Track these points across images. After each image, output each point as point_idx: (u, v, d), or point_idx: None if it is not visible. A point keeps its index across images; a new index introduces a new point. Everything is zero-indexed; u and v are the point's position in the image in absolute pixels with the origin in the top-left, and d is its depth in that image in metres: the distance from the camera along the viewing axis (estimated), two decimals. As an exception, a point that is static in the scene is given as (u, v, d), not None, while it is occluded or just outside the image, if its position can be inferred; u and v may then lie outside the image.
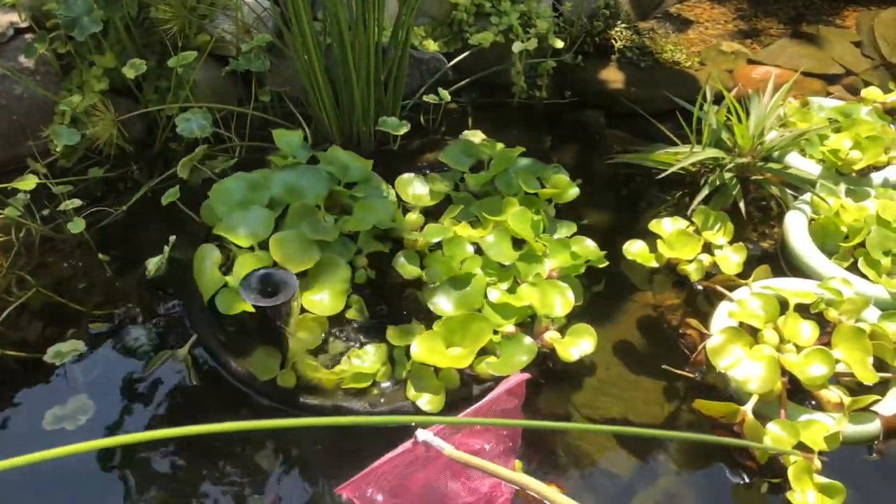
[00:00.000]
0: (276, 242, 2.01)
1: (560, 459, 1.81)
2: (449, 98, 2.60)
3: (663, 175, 2.37)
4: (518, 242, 2.16)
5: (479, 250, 2.13)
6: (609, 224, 2.43)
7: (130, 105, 2.55)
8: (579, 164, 2.67)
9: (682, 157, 2.40)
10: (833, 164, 2.44)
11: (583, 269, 2.13)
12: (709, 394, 1.91)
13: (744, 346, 1.87)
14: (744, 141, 2.37)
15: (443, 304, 2.01)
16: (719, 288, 2.10)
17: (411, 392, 1.84)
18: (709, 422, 1.81)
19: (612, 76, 3.00)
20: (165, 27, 2.44)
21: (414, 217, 2.27)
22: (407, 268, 2.11)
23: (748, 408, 1.77)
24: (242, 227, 2.04)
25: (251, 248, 2.03)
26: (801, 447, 1.71)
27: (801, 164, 2.47)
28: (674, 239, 2.19)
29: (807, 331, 1.92)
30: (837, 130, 2.54)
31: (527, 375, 1.66)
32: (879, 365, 1.86)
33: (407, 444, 1.52)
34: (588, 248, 2.17)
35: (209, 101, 2.50)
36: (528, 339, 1.91)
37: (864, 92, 2.81)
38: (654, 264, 2.19)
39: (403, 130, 2.43)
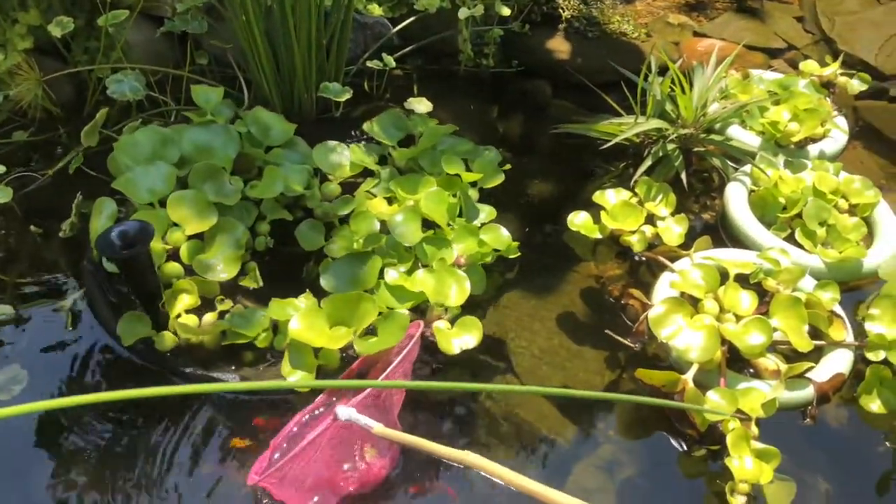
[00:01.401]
0: (173, 201, 1.96)
1: (501, 428, 1.81)
2: (394, 64, 2.54)
3: (607, 146, 2.37)
4: (431, 224, 2.10)
5: (386, 228, 2.06)
6: (553, 194, 2.43)
7: (58, 66, 2.43)
8: (524, 133, 2.66)
9: (626, 127, 2.40)
10: (772, 136, 2.48)
11: (490, 259, 2.09)
12: (651, 363, 1.93)
13: (685, 316, 1.89)
14: (687, 112, 2.38)
15: (334, 280, 1.96)
16: (661, 259, 2.12)
17: (286, 367, 1.78)
18: (650, 391, 1.83)
19: (560, 46, 2.98)
20: (94, -17, 2.32)
21: (331, 187, 2.21)
22: (308, 238, 2.07)
23: (689, 376, 1.80)
24: (143, 182, 1.99)
25: (151, 205, 1.98)
26: (739, 414, 1.75)
27: (742, 136, 2.50)
28: (617, 210, 2.20)
29: (746, 300, 1.95)
30: (777, 103, 2.58)
31: (418, 324, 1.68)
32: (814, 333, 1.91)
33: (326, 423, 1.50)
34: (500, 236, 2.11)
35: (143, 62, 2.39)
36: (402, 313, 1.84)
37: (803, 65, 2.85)
38: (598, 235, 2.20)
39: (346, 97, 2.37)
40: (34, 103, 2.36)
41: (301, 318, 1.80)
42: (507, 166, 2.33)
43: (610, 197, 2.25)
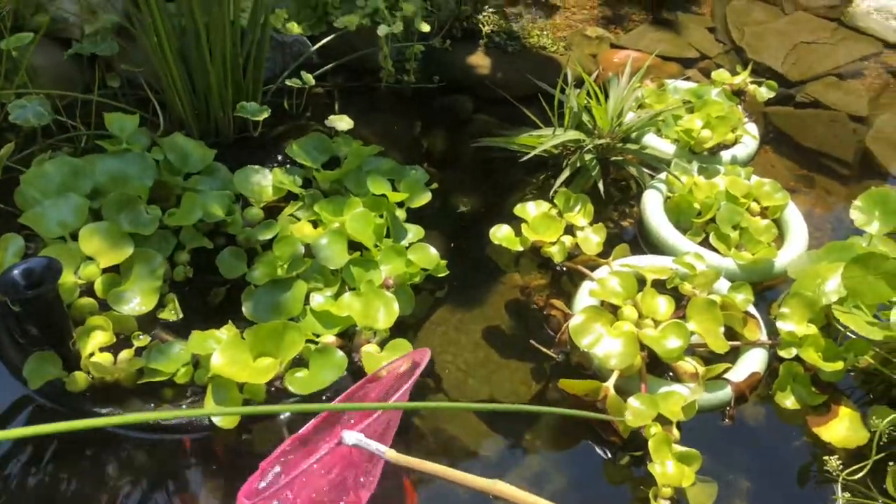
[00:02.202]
0: (85, 234, 1.90)
1: (428, 443, 1.80)
2: (313, 82, 2.53)
3: (527, 158, 2.41)
4: (358, 246, 2.08)
5: (311, 253, 2.03)
6: (476, 209, 2.44)
7: (-42, 91, 2.33)
8: (447, 149, 2.68)
9: (544, 140, 2.44)
10: (686, 144, 2.56)
11: (419, 279, 2.08)
12: (575, 372, 1.96)
13: (604, 324, 1.92)
14: (603, 123, 2.44)
15: (257, 309, 1.91)
16: (581, 268, 2.16)
17: (209, 404, 1.71)
18: (574, 400, 1.84)
19: (480, 61, 3.02)
20: (-4, 6, 2.24)
21: (254, 212, 2.17)
22: (230, 266, 2.03)
23: (609, 384, 1.82)
24: (53, 215, 1.93)
25: (62, 239, 1.92)
26: (660, 419, 1.78)
27: (657, 144, 2.57)
28: (538, 222, 2.23)
29: (663, 305, 1.99)
30: (690, 111, 2.66)
31: (424, 351, 1.66)
32: (730, 334, 1.96)
33: (330, 446, 1.45)
34: (428, 255, 2.11)
35: (50, 86, 2.32)
36: (339, 354, 1.81)
37: (715, 74, 2.95)
38: (520, 248, 2.22)
39: (263, 116, 2.34)
40: (-68, 131, 2.26)
41: (223, 352, 1.74)
42: (434, 185, 2.34)
43: (530, 209, 2.28)
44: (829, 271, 1.97)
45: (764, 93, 2.91)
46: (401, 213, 2.23)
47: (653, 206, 2.33)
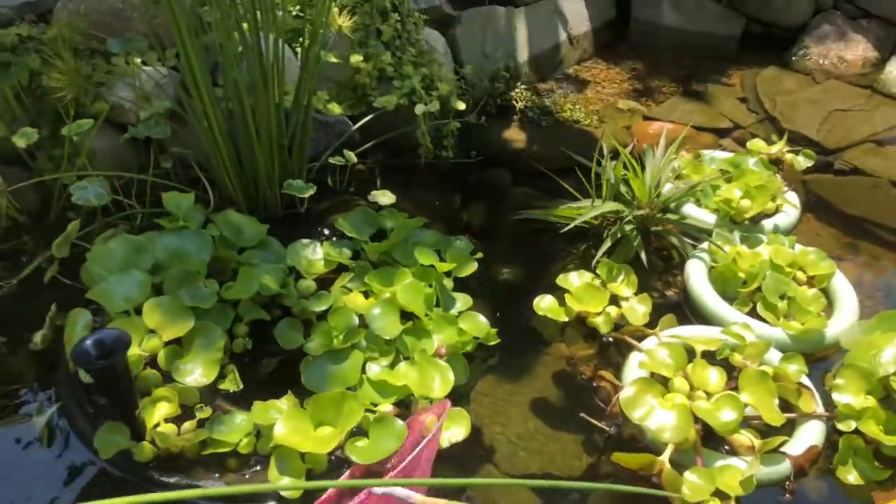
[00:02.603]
0: (149, 308, 1.95)
1: (479, 520, 1.77)
2: (355, 159, 2.61)
3: (567, 229, 2.43)
4: (409, 316, 2.11)
5: (365, 323, 2.05)
6: (519, 279, 2.46)
7: (23, 175, 2.44)
8: (487, 221, 2.71)
9: (583, 211, 2.46)
10: (726, 213, 2.56)
11: (471, 347, 2.10)
12: (627, 444, 1.92)
13: (656, 396, 1.89)
14: (641, 193, 2.46)
15: (316, 379, 1.93)
16: (628, 339, 2.14)
17: (273, 474, 1.73)
18: (628, 474, 1.81)
19: (515, 135, 3.09)
20: (59, 95, 2.36)
21: (306, 284, 2.21)
22: (287, 337, 2.06)
23: (665, 457, 1.79)
24: (118, 290, 1.98)
25: (126, 313, 1.97)
26: (718, 493, 1.73)
27: (697, 214, 2.58)
28: (581, 292, 2.23)
29: (714, 377, 1.96)
30: (728, 181, 2.67)
31: (444, 404, 1.65)
32: (784, 406, 1.92)
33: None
34: (479, 323, 2.12)
35: (109, 168, 2.41)
36: (398, 423, 1.80)
37: (750, 144, 2.98)
38: (565, 318, 2.22)
39: (309, 193, 2.41)
40: (-2, 213, 2.36)
41: (285, 422, 1.76)
42: (479, 255, 2.37)
43: (573, 280, 2.28)
44: (883, 341, 1.94)
45: (802, 161, 2.92)
46: (448, 283, 2.27)
47: (697, 275, 2.32)
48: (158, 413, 1.82)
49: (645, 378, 1.94)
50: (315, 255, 2.28)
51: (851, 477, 1.82)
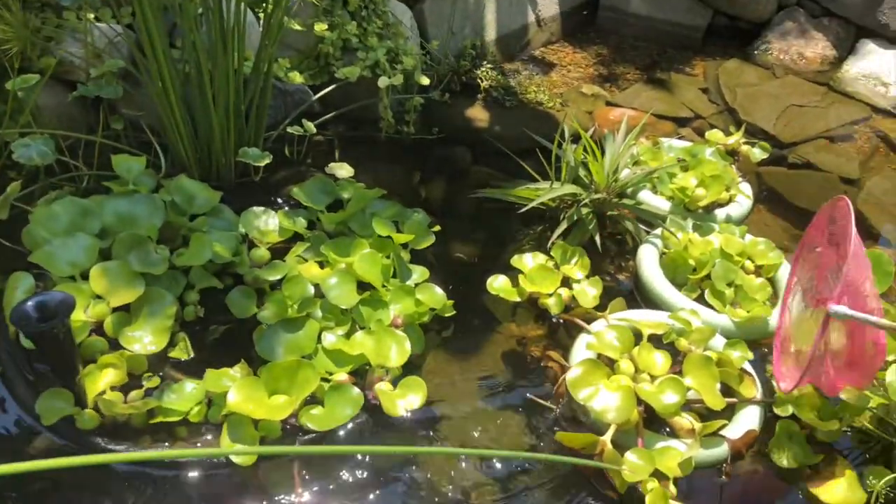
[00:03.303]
0: (96, 273, 1.91)
1: (422, 492, 1.77)
2: (314, 130, 2.56)
3: (524, 210, 2.43)
4: (365, 286, 2.10)
5: (321, 292, 2.04)
6: (474, 257, 2.45)
7: (-38, 129, 2.34)
8: (446, 198, 2.70)
9: (542, 192, 2.47)
10: (681, 201, 2.59)
11: (427, 318, 2.10)
12: (572, 425, 1.94)
13: (601, 378, 1.91)
14: (599, 178, 2.47)
15: (271, 348, 1.92)
16: (578, 321, 2.16)
17: (226, 441, 1.71)
18: (571, 454, 1.83)
19: (479, 114, 3.07)
20: (4, 48, 2.27)
21: (260, 253, 2.18)
22: (240, 306, 2.03)
23: (607, 438, 1.81)
24: (63, 254, 1.93)
25: (71, 278, 1.92)
26: (657, 474, 1.76)
27: (652, 201, 2.60)
28: (535, 273, 2.24)
29: (660, 360, 1.99)
30: (685, 169, 2.70)
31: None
32: (726, 390, 1.96)
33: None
34: (435, 295, 2.13)
35: (54, 127, 2.34)
36: (355, 391, 1.83)
37: (709, 134, 3.01)
38: (517, 298, 2.22)
39: (265, 162, 2.36)
40: (-67, 168, 2.26)
41: (238, 390, 1.74)
42: (437, 228, 2.37)
43: (527, 261, 2.29)
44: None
45: (757, 154, 2.97)
46: (405, 255, 2.26)
47: (649, 261, 2.35)
48: (104, 380, 1.78)
49: (591, 359, 1.95)
50: (269, 223, 2.24)
51: (785, 461, 1.86)
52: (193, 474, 1.72)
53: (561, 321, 2.23)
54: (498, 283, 2.23)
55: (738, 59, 3.80)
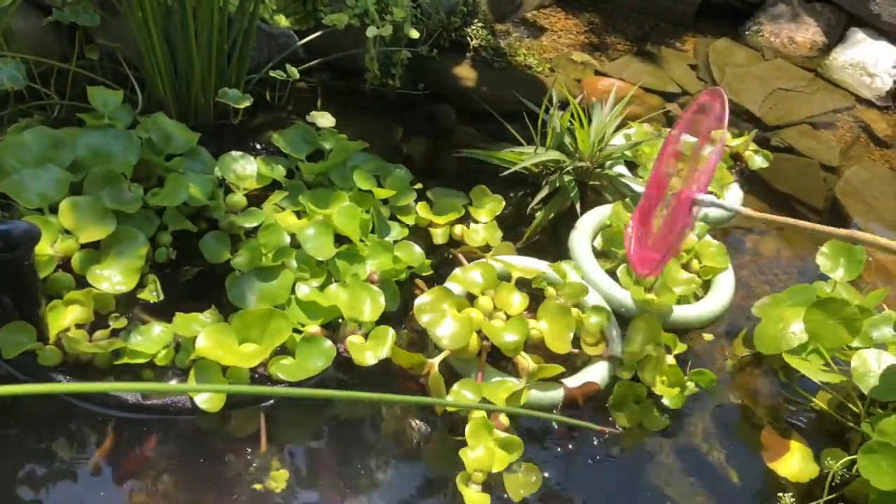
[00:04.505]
0: (66, 207, 1.85)
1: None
2: (298, 76, 2.50)
3: (507, 173, 2.40)
4: (342, 239, 2.08)
5: (297, 243, 2.01)
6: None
7: (-72, 48, 2.24)
8: (427, 155, 2.66)
9: (526, 157, 2.44)
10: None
11: (404, 276, 2.08)
12: (415, 347, 1.96)
13: (451, 307, 1.91)
14: (584, 146, 2.45)
15: (244, 295, 1.89)
16: (459, 255, 2.21)
17: (193, 385, 1.69)
18: (400, 372, 1.85)
19: (466, 73, 3.02)
20: (-23, -36, 2.16)
21: (236, 198, 2.13)
22: (213, 251, 2.00)
23: (435, 361, 1.84)
24: (32, 185, 1.87)
25: (39, 211, 1.86)
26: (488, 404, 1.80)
27: (629, 182, 2.54)
28: (440, 204, 2.33)
29: (517, 301, 2.00)
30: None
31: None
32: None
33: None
34: (414, 254, 2.11)
35: (27, 52, 2.24)
36: (327, 343, 1.81)
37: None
38: (411, 223, 2.26)
39: (245, 104, 2.30)
40: None
41: (208, 335, 1.71)
42: (419, 185, 2.34)
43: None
44: (791, 314, 2.00)
45: (758, 162, 2.83)
46: (385, 210, 2.24)
47: (585, 223, 2.34)
48: (69, 317, 1.73)
49: (444, 288, 1.96)
50: (247, 169, 2.19)
51: (621, 418, 1.90)
52: (157, 418, 1.70)
53: (450, 255, 2.25)
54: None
55: (729, 38, 3.78)
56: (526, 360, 1.88)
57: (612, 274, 2.22)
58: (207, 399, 1.68)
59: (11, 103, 2.22)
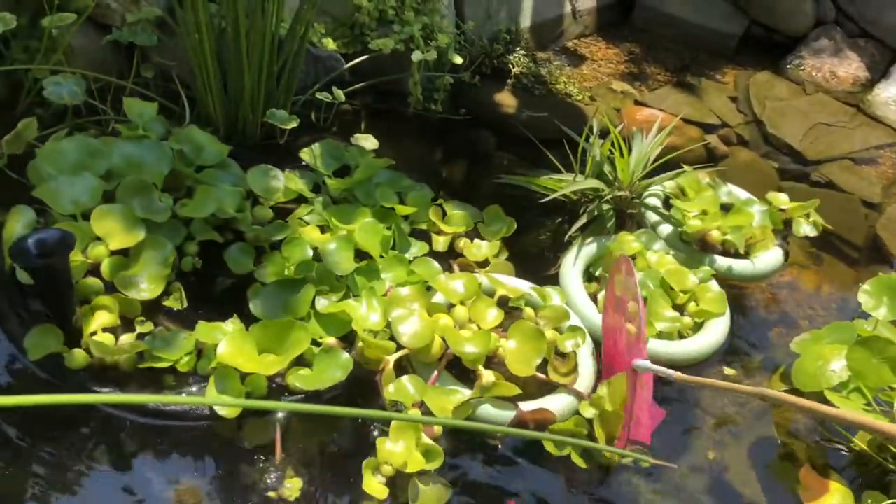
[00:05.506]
0: (98, 214, 1.91)
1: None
2: (343, 98, 2.55)
3: (546, 200, 2.42)
4: (363, 255, 2.11)
5: (318, 256, 2.05)
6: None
7: (-6, 61, 2.34)
8: (467, 179, 2.70)
9: (565, 184, 2.46)
10: (678, 223, 2.47)
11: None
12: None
13: (423, 307, 1.95)
14: (624, 175, 2.46)
15: (264, 306, 1.93)
16: (455, 266, 2.24)
17: (212, 392, 1.72)
18: (364, 362, 1.88)
19: (507, 100, 3.06)
20: (43, -16, 2.26)
21: (263, 211, 2.19)
22: (238, 262, 2.05)
23: (392, 357, 1.86)
24: (67, 192, 1.93)
25: (73, 217, 1.92)
26: (426, 409, 1.80)
27: (655, 213, 2.53)
28: (454, 217, 2.37)
29: (492, 315, 2.00)
30: (724, 209, 2.56)
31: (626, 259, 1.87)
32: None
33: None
34: (432, 269, 2.13)
35: (85, 69, 2.33)
36: (345, 355, 1.83)
37: (771, 195, 2.70)
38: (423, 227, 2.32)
39: (292, 125, 2.36)
40: (-37, 98, 2.26)
41: (229, 342, 1.75)
42: (440, 201, 2.38)
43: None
44: (830, 352, 1.98)
45: (806, 230, 2.59)
46: (406, 227, 2.28)
47: (589, 248, 2.34)
48: (97, 322, 1.79)
49: (419, 287, 2.00)
50: (275, 182, 2.25)
51: (552, 450, 1.84)
52: (176, 424, 1.74)
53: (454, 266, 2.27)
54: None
55: (770, 71, 3.77)
56: (486, 376, 1.86)
57: (594, 298, 2.22)
58: (226, 409, 1.72)
59: (70, 118, 2.30)
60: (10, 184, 2.08)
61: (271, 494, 1.65)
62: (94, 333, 1.78)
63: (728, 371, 2.17)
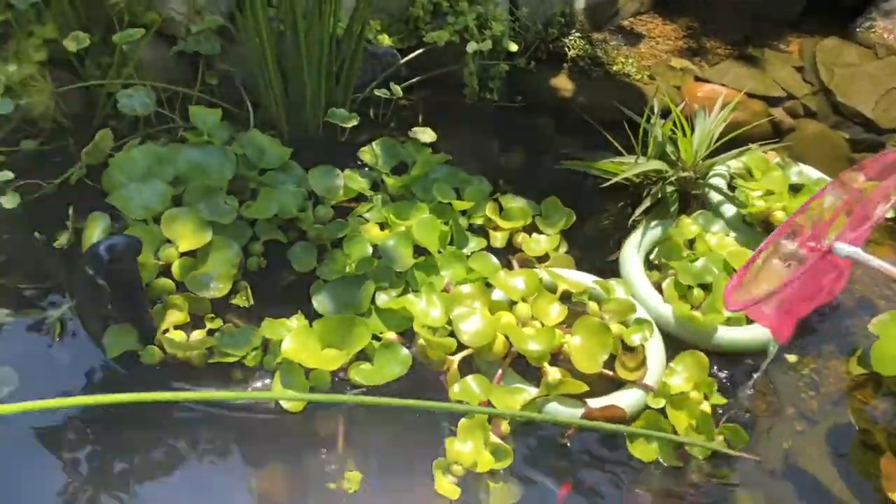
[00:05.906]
0: (168, 218, 2.01)
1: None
2: (401, 94, 2.59)
3: (608, 184, 2.41)
4: (422, 251, 2.14)
5: (378, 253, 2.10)
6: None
7: (70, 78, 2.45)
8: (527, 167, 2.70)
9: (626, 167, 2.44)
10: (742, 204, 2.40)
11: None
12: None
13: (485, 305, 1.96)
14: (687, 155, 2.42)
15: (327, 302, 1.99)
16: (514, 261, 2.23)
17: (277, 387, 1.80)
18: (427, 362, 1.90)
19: (564, 84, 3.04)
20: (112, 2, 2.36)
21: (324, 210, 2.25)
22: (301, 260, 2.11)
23: (456, 358, 1.88)
24: (138, 198, 2.05)
25: (144, 222, 2.03)
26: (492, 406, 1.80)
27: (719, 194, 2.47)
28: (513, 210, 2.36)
29: (555, 311, 1.98)
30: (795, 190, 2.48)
31: None
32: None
33: (814, 257, 1.68)
34: (490, 264, 2.14)
35: (154, 80, 2.42)
36: (405, 351, 1.87)
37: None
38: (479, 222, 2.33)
39: (352, 123, 2.41)
40: (45, 114, 2.38)
41: (294, 338, 1.83)
42: (497, 196, 2.40)
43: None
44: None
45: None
46: (464, 222, 2.30)
47: (652, 233, 2.30)
48: (169, 319, 1.89)
49: (480, 285, 2.03)
50: (336, 182, 2.31)
51: (637, 450, 1.82)
52: (242, 415, 1.83)
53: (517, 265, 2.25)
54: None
55: (838, 37, 3.62)
56: (549, 371, 1.87)
57: (657, 287, 2.18)
58: (291, 403, 1.79)
59: (142, 128, 2.40)
60: (90, 192, 2.20)
61: (331, 485, 1.71)
62: (166, 331, 1.88)
63: (790, 358, 2.11)
